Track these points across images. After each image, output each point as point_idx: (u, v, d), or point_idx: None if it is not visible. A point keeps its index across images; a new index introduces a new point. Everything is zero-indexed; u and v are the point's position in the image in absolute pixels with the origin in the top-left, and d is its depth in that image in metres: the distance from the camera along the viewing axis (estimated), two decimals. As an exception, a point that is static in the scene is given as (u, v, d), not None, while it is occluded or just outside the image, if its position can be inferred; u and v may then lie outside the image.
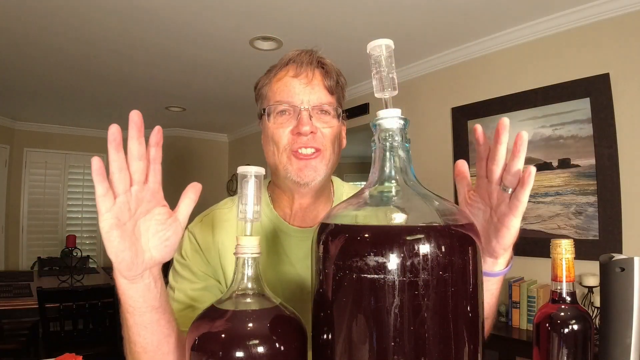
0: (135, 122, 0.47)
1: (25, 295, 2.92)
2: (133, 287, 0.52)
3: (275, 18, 2.34)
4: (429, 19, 2.34)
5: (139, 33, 2.51)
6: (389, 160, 0.48)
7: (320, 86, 0.76)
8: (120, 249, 0.48)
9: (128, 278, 0.51)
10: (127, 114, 0.47)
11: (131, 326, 0.55)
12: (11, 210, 4.67)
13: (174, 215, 0.53)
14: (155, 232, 0.52)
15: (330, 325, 0.44)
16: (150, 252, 0.52)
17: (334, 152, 0.77)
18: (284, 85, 0.75)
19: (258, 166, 0.52)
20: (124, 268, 0.50)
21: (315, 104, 0.74)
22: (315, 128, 0.74)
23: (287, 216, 0.82)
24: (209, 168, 5.41)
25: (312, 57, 0.77)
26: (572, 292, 0.59)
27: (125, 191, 0.47)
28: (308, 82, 0.75)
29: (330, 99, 0.76)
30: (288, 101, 0.74)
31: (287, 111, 0.75)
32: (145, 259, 0.51)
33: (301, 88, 0.74)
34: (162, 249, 0.52)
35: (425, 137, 2.91)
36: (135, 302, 0.53)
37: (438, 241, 0.40)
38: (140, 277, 0.52)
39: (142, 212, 0.50)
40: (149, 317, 0.55)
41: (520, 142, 0.51)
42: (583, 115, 2.18)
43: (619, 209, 2.03)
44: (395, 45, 0.50)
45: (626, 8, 2.03)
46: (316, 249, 0.46)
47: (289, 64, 0.77)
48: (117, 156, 0.46)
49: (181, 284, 0.77)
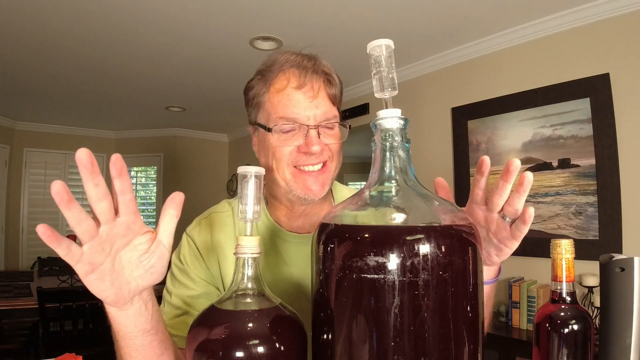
0: (83, 165, 0.43)
1: (25, 295, 2.92)
2: (123, 314, 0.51)
3: (275, 18, 2.34)
4: (429, 19, 2.34)
5: (139, 33, 2.51)
6: (389, 160, 0.48)
7: (326, 99, 0.72)
8: (101, 289, 0.47)
9: (117, 307, 0.50)
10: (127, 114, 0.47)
11: (122, 347, 0.54)
12: (11, 210, 4.67)
13: (157, 239, 0.49)
14: (138, 262, 0.48)
15: (330, 326, 0.44)
16: (136, 281, 0.49)
17: (338, 162, 0.76)
18: (287, 100, 0.70)
19: (258, 166, 0.52)
20: (110, 302, 0.49)
21: (322, 119, 0.71)
22: (324, 145, 0.72)
23: (283, 223, 0.80)
24: (209, 168, 5.41)
25: (317, 65, 0.73)
26: (572, 292, 0.59)
27: (92, 237, 0.44)
28: (314, 95, 0.70)
29: (334, 111, 0.73)
30: (293, 118, 0.70)
31: (293, 129, 0.71)
32: (132, 288, 0.49)
33: (307, 103, 0.70)
34: (147, 276, 0.49)
35: (425, 137, 2.91)
36: (126, 328, 0.52)
37: (438, 241, 0.40)
38: (130, 303, 0.50)
39: (121, 246, 0.47)
40: (141, 340, 0.54)
41: (526, 182, 0.53)
42: (583, 115, 2.18)
43: (619, 209, 2.03)
44: (395, 45, 0.50)
45: (626, 8, 2.03)
46: (316, 249, 0.46)
47: (289, 71, 0.72)
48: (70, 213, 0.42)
49: (178, 289, 0.76)
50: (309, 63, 0.72)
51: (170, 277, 0.79)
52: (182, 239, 0.81)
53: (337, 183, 0.88)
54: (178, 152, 5.19)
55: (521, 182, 0.53)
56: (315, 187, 0.71)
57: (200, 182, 5.15)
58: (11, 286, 3.27)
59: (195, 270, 0.77)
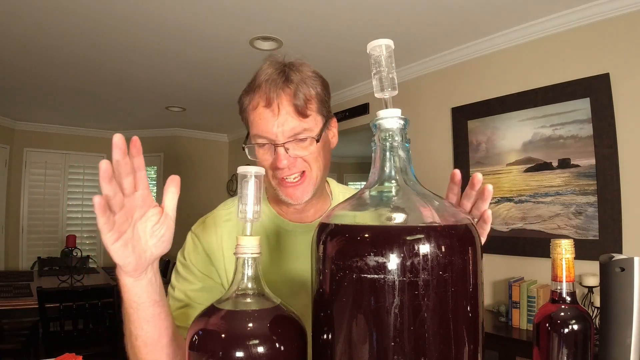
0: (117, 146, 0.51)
1: (25, 295, 2.92)
2: (138, 284, 0.57)
3: (275, 18, 2.34)
4: (429, 19, 2.34)
5: (139, 33, 2.51)
6: (389, 160, 0.48)
7: (290, 114, 0.74)
8: (125, 256, 0.54)
9: (134, 276, 0.56)
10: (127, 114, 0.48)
11: (134, 321, 0.59)
12: (11, 210, 4.67)
13: (164, 212, 0.57)
14: (152, 232, 0.56)
15: (330, 325, 0.44)
16: (151, 250, 0.57)
17: (320, 168, 0.79)
18: (258, 117, 0.75)
19: (258, 166, 0.52)
20: (131, 270, 0.55)
21: (289, 134, 0.74)
22: (294, 158, 0.75)
23: (284, 214, 0.85)
24: (209, 168, 5.41)
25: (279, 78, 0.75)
26: (572, 292, 0.60)
27: (121, 208, 0.52)
28: (277, 112, 0.74)
29: (303, 124, 0.75)
30: (265, 136, 0.75)
31: (265, 145, 0.76)
32: (147, 256, 0.56)
33: (273, 121, 0.74)
34: (160, 244, 0.57)
35: (425, 137, 2.91)
36: (140, 298, 0.58)
37: (438, 241, 0.40)
38: (145, 273, 0.57)
39: (138, 217, 0.55)
40: (151, 311, 0.60)
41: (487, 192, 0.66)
42: (583, 115, 2.18)
43: (619, 209, 2.03)
44: (395, 45, 0.50)
45: (626, 8, 2.03)
46: (316, 249, 0.46)
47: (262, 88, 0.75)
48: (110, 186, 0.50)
49: (181, 284, 0.81)
50: (275, 76, 0.75)
51: (175, 274, 0.84)
52: (187, 238, 0.86)
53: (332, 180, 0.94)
54: (178, 152, 5.19)
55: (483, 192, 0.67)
56: (297, 193, 0.77)
57: (200, 182, 5.15)
58: (11, 286, 3.27)
59: (198, 266, 0.81)
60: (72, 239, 3.85)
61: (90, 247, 5.09)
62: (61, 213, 4.96)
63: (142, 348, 0.61)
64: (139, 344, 0.61)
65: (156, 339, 0.61)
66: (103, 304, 2.71)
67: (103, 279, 3.61)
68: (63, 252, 3.75)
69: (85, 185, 5.11)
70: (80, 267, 3.65)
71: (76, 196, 5.05)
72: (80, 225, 5.07)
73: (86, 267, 4.12)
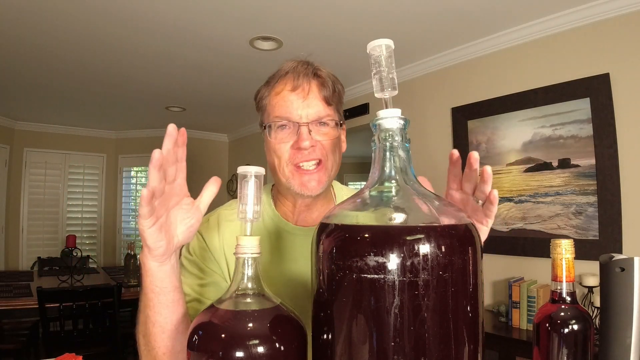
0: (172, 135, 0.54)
1: (25, 295, 2.92)
2: (162, 269, 0.60)
3: (275, 18, 2.34)
4: (429, 19, 2.34)
5: (139, 33, 2.51)
6: (389, 160, 0.48)
7: (318, 99, 0.77)
8: (158, 239, 0.56)
9: (160, 260, 0.59)
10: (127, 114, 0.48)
11: (154, 306, 0.61)
12: (11, 210, 4.67)
13: (196, 204, 0.61)
14: (182, 220, 0.60)
15: (330, 325, 0.44)
16: (178, 237, 0.60)
17: (335, 161, 0.80)
18: (282, 100, 0.77)
19: (258, 166, 0.52)
20: (159, 254, 0.58)
21: (314, 117, 0.77)
22: (315, 141, 0.76)
23: (288, 217, 0.85)
24: (209, 168, 5.41)
25: (308, 69, 0.79)
26: (572, 292, 0.60)
27: (162, 194, 0.55)
28: (305, 95, 0.77)
29: (327, 111, 0.78)
30: (287, 117, 0.77)
31: (287, 126, 0.77)
32: (175, 242, 0.60)
33: (299, 103, 0.76)
34: (187, 233, 0.61)
35: (425, 137, 2.91)
36: (162, 282, 0.61)
37: (438, 241, 0.40)
38: (169, 259, 0.60)
39: (173, 204, 0.59)
40: (172, 296, 0.62)
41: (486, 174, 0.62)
42: (583, 115, 2.18)
43: (619, 209, 2.03)
44: (395, 45, 0.50)
45: (626, 8, 2.03)
46: (316, 248, 0.46)
47: (286, 76, 0.79)
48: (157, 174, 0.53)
49: (188, 279, 0.81)
50: (303, 68, 0.79)
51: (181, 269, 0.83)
52: None
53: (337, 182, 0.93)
54: (178, 152, 5.19)
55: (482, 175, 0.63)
56: (311, 183, 0.77)
57: (200, 182, 5.11)
58: (11, 286, 3.27)
59: (205, 262, 0.82)
60: (72, 239, 3.85)
61: (90, 247, 5.09)
62: (61, 213, 4.96)
63: (159, 334, 0.62)
64: (156, 330, 0.62)
65: (174, 325, 0.62)
66: (103, 304, 2.71)
67: (103, 279, 3.61)
68: (63, 252, 3.75)
69: (85, 185, 5.11)
70: (80, 267, 3.65)
71: (76, 196, 5.05)
72: (80, 225, 5.07)
73: (86, 267, 4.12)
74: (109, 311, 2.74)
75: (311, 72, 0.78)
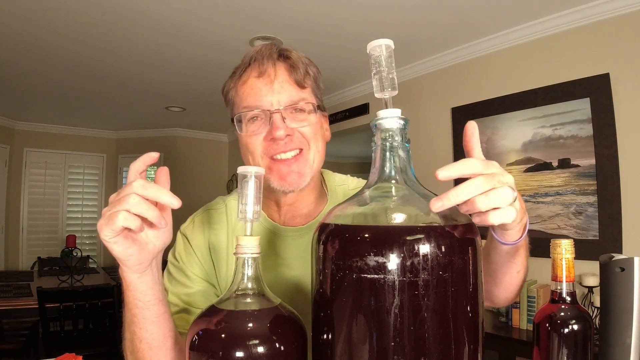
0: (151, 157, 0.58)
1: (25, 295, 2.92)
2: (142, 281, 0.55)
3: (275, 18, 2.34)
4: (429, 19, 2.34)
5: (139, 33, 2.51)
6: (389, 160, 0.48)
7: (288, 82, 0.70)
8: (125, 248, 0.51)
9: (138, 272, 0.54)
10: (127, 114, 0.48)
11: (139, 322, 0.57)
12: (11, 210, 4.66)
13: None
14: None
15: (330, 325, 0.44)
16: (152, 242, 0.55)
17: (317, 150, 0.72)
18: (249, 89, 0.70)
19: (258, 166, 0.52)
20: (134, 264, 0.53)
21: (287, 102, 0.69)
22: (292, 130, 0.69)
23: (276, 218, 0.79)
24: (209, 168, 5.41)
25: (273, 51, 0.72)
26: (572, 292, 0.59)
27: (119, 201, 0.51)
28: (272, 80, 0.69)
29: (302, 94, 0.71)
30: (256, 105, 0.69)
31: (258, 116, 0.70)
32: (150, 249, 0.54)
33: (267, 89, 0.69)
34: (160, 235, 0.56)
35: (425, 137, 2.91)
36: (145, 296, 0.56)
37: (438, 241, 0.40)
38: (149, 267, 0.55)
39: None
40: (156, 310, 0.57)
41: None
42: (583, 115, 2.18)
43: (619, 209, 2.03)
44: (395, 45, 0.50)
45: (626, 8, 2.03)
46: (316, 249, 0.46)
47: (251, 63, 0.72)
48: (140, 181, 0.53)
49: (175, 287, 0.76)
50: (267, 50, 0.72)
51: (167, 276, 0.79)
52: (177, 237, 0.81)
53: (328, 171, 0.86)
54: (178, 152, 5.19)
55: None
56: (291, 176, 0.69)
57: (200, 182, 5.14)
58: (11, 286, 3.27)
59: (191, 268, 0.77)
60: (72, 239, 3.85)
61: (90, 247, 5.09)
62: (61, 213, 4.95)
63: (146, 351, 0.58)
64: (143, 347, 0.58)
65: (161, 340, 0.59)
66: (103, 304, 2.71)
67: (103, 279, 3.61)
68: (63, 252, 3.75)
69: (85, 185, 5.10)
70: (80, 267, 3.65)
71: (76, 196, 5.05)
72: (80, 225, 5.06)
73: (86, 267, 4.12)
74: (109, 311, 2.74)
75: (276, 53, 0.71)
